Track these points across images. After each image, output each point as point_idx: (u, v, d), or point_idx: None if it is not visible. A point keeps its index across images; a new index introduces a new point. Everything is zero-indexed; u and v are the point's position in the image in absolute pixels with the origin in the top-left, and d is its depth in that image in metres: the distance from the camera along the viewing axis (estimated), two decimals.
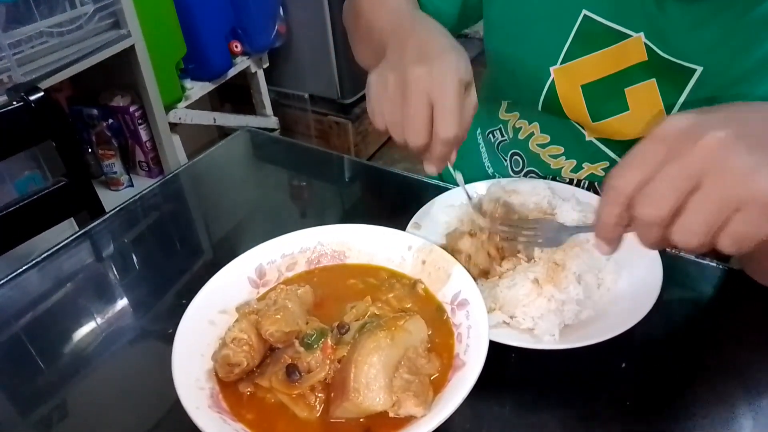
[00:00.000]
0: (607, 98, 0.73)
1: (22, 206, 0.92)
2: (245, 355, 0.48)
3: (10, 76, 1.41)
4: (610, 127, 0.75)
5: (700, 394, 0.52)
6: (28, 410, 0.56)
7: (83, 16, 1.58)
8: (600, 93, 0.73)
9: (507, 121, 0.87)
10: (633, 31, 0.68)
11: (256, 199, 0.86)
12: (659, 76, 0.68)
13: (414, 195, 0.73)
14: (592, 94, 0.74)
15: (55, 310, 0.67)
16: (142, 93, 1.86)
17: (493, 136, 0.90)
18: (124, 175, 1.99)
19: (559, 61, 0.74)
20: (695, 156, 0.37)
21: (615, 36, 0.69)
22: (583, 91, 0.74)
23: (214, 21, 2.06)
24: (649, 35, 0.67)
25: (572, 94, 0.75)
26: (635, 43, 0.68)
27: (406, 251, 0.59)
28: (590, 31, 0.70)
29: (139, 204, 0.82)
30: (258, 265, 0.58)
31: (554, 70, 0.75)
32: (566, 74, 0.75)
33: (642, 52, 0.68)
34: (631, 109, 0.72)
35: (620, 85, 0.71)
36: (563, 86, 0.76)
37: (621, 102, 0.72)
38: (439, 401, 0.45)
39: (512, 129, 0.86)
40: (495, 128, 0.89)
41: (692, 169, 0.38)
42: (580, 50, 0.72)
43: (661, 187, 0.39)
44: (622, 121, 0.73)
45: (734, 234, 0.38)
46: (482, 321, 0.49)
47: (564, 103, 0.77)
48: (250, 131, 0.98)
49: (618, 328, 0.52)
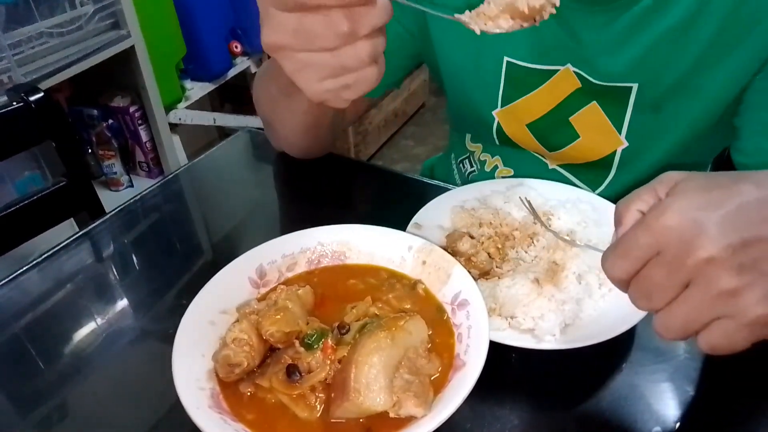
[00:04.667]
0: (555, 131, 0.73)
1: (22, 207, 0.92)
2: (246, 355, 0.48)
3: (10, 77, 1.41)
4: (568, 155, 0.75)
5: (702, 393, 0.52)
6: (28, 410, 0.56)
7: (83, 17, 1.58)
8: (547, 128, 0.74)
9: (474, 152, 0.87)
10: (559, 65, 0.68)
11: (256, 200, 0.86)
12: (599, 99, 0.69)
13: (414, 195, 0.73)
14: (539, 131, 0.75)
15: (55, 310, 0.67)
16: (142, 93, 1.86)
17: (463, 165, 0.90)
18: (124, 176, 1.99)
19: (498, 105, 0.74)
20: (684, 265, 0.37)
21: (544, 74, 0.69)
22: (530, 129, 0.75)
23: (213, 21, 2.06)
24: (576, 64, 0.67)
25: (521, 133, 0.76)
26: (565, 75, 0.68)
27: (406, 251, 0.59)
28: (518, 75, 0.71)
29: (139, 204, 0.82)
30: (258, 266, 0.58)
31: (496, 113, 0.76)
32: (509, 116, 0.75)
33: (575, 81, 0.68)
34: (582, 136, 0.72)
35: (564, 115, 0.72)
36: (510, 127, 0.76)
37: (570, 131, 0.73)
38: (439, 401, 0.45)
39: (478, 161, 0.86)
40: (465, 157, 0.90)
41: (681, 277, 0.38)
42: (515, 93, 0.73)
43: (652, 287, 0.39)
44: (576, 148, 0.74)
45: (709, 341, 0.39)
46: (482, 321, 0.49)
47: (517, 141, 0.77)
48: (250, 132, 0.98)
49: (618, 328, 0.52)
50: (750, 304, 0.37)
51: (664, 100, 0.66)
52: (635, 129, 0.69)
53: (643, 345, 0.56)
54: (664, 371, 0.54)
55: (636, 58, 0.64)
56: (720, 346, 0.39)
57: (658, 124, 0.68)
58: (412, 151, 2.76)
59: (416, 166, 1.05)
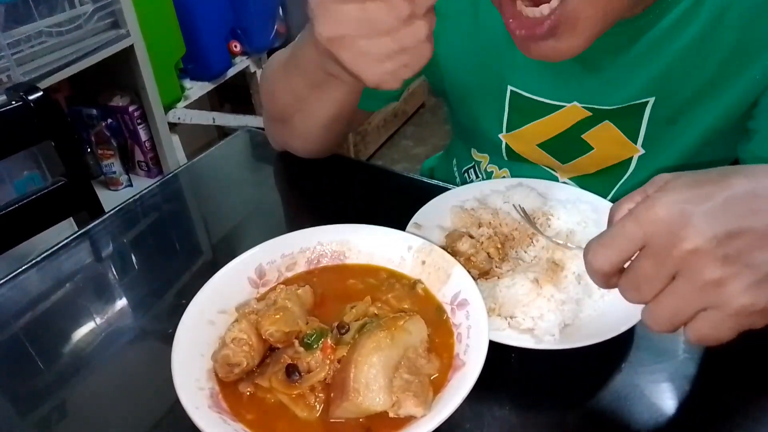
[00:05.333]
0: (568, 147, 0.73)
1: (22, 206, 0.92)
2: (245, 355, 0.48)
3: (9, 76, 1.41)
4: (581, 165, 0.75)
5: (702, 393, 0.52)
6: (28, 410, 0.56)
7: (82, 16, 1.58)
8: (558, 145, 0.73)
9: (480, 162, 0.86)
10: (565, 102, 0.67)
11: (255, 199, 0.86)
12: (612, 119, 0.68)
13: (414, 195, 0.73)
14: (550, 148, 0.74)
15: (54, 310, 0.67)
16: (141, 93, 1.86)
17: (468, 175, 0.90)
18: (124, 175, 1.99)
19: (504, 129, 0.74)
20: (671, 257, 0.38)
21: (548, 108, 0.69)
22: (541, 147, 0.74)
23: (213, 21, 2.06)
24: (584, 100, 0.66)
25: (530, 151, 0.75)
26: (572, 110, 0.68)
27: (405, 251, 0.59)
28: (522, 105, 0.70)
29: (139, 204, 0.82)
30: (258, 265, 0.58)
31: (503, 136, 0.75)
32: (517, 139, 0.75)
33: (583, 113, 0.68)
34: (596, 148, 0.72)
35: (576, 134, 0.71)
36: (519, 147, 0.76)
37: (583, 145, 0.72)
38: (439, 401, 0.45)
39: (485, 171, 0.85)
40: (470, 166, 0.89)
41: (667, 268, 0.38)
42: (520, 121, 0.72)
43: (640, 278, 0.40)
44: (591, 158, 0.73)
45: (696, 332, 0.39)
46: (482, 321, 0.49)
47: (527, 157, 0.77)
48: (249, 131, 0.98)
49: (618, 328, 0.52)
50: (734, 294, 0.37)
51: (680, 113, 0.65)
52: (651, 139, 0.69)
53: (643, 345, 0.56)
54: (664, 371, 0.54)
55: (654, 77, 0.63)
56: (707, 337, 0.39)
57: (674, 133, 0.68)
58: (412, 151, 2.76)
59: (416, 166, 1.05)
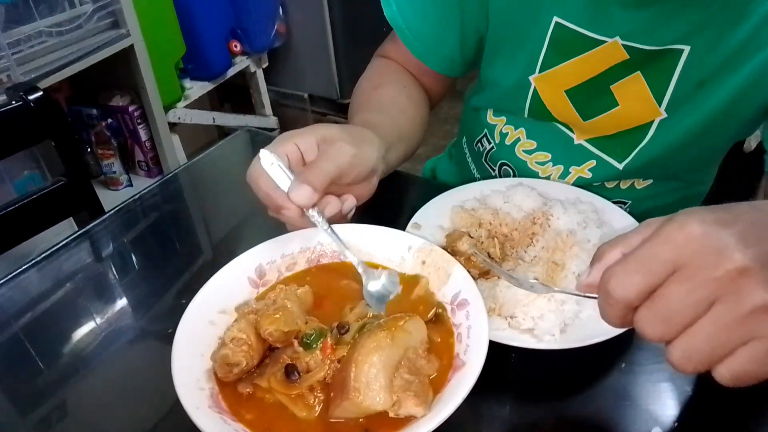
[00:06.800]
0: (594, 98, 0.72)
1: (22, 206, 0.92)
2: (244, 354, 0.48)
3: (9, 76, 1.41)
4: (602, 124, 0.74)
5: (701, 393, 0.52)
6: (28, 410, 0.56)
7: (82, 16, 1.58)
8: (585, 95, 0.73)
9: (494, 126, 0.86)
10: (607, 37, 0.67)
11: (255, 199, 0.85)
12: (644, 69, 0.68)
13: (414, 195, 0.73)
14: (577, 97, 0.74)
15: (54, 310, 0.67)
16: (142, 93, 1.86)
17: (481, 144, 0.90)
18: (124, 175, 1.99)
19: (537, 70, 0.74)
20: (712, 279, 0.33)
21: (590, 42, 0.68)
22: (568, 95, 0.74)
23: (213, 21, 2.06)
24: (626, 37, 0.66)
25: (557, 99, 0.75)
26: (613, 47, 0.67)
27: (406, 251, 0.59)
28: (563, 38, 0.70)
29: (139, 204, 0.82)
30: (258, 265, 0.58)
31: (534, 79, 0.75)
32: (547, 82, 0.74)
33: (622, 53, 0.67)
34: (621, 104, 0.72)
35: (605, 84, 0.71)
36: (546, 93, 0.75)
37: (609, 99, 0.72)
38: (439, 401, 0.45)
39: (499, 134, 0.85)
40: (481, 136, 0.89)
41: (707, 293, 0.34)
42: (557, 58, 0.72)
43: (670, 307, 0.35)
44: (613, 116, 0.73)
45: (735, 369, 0.35)
46: (482, 321, 0.49)
47: (551, 109, 0.76)
48: (249, 131, 0.98)
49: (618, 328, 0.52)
50: None
51: (709, 72, 0.65)
52: (675, 101, 0.68)
53: (643, 345, 0.56)
54: (664, 371, 0.54)
55: (696, 22, 0.63)
56: (749, 374, 0.35)
57: (698, 100, 0.67)
58: None
59: (416, 166, 1.04)
